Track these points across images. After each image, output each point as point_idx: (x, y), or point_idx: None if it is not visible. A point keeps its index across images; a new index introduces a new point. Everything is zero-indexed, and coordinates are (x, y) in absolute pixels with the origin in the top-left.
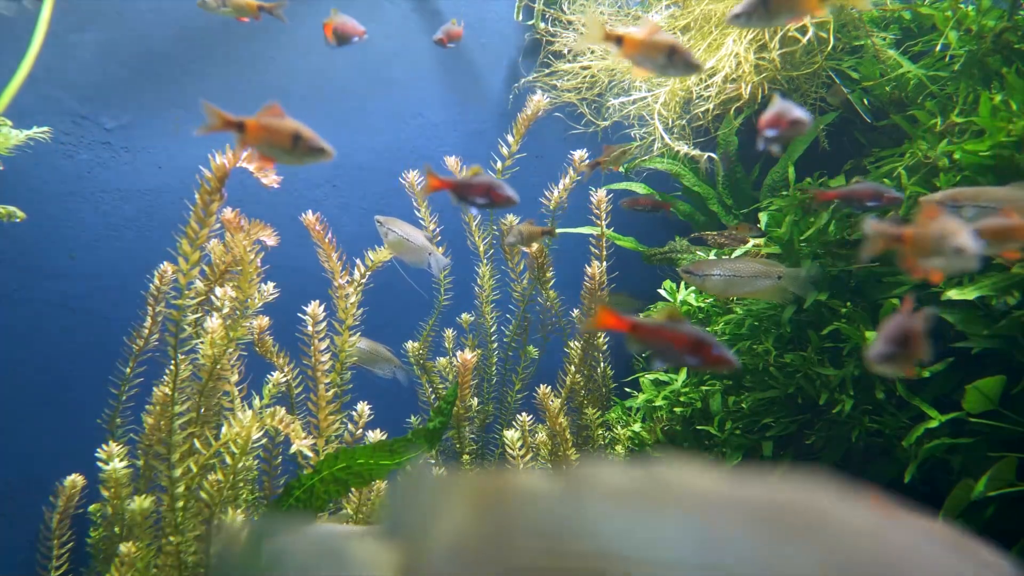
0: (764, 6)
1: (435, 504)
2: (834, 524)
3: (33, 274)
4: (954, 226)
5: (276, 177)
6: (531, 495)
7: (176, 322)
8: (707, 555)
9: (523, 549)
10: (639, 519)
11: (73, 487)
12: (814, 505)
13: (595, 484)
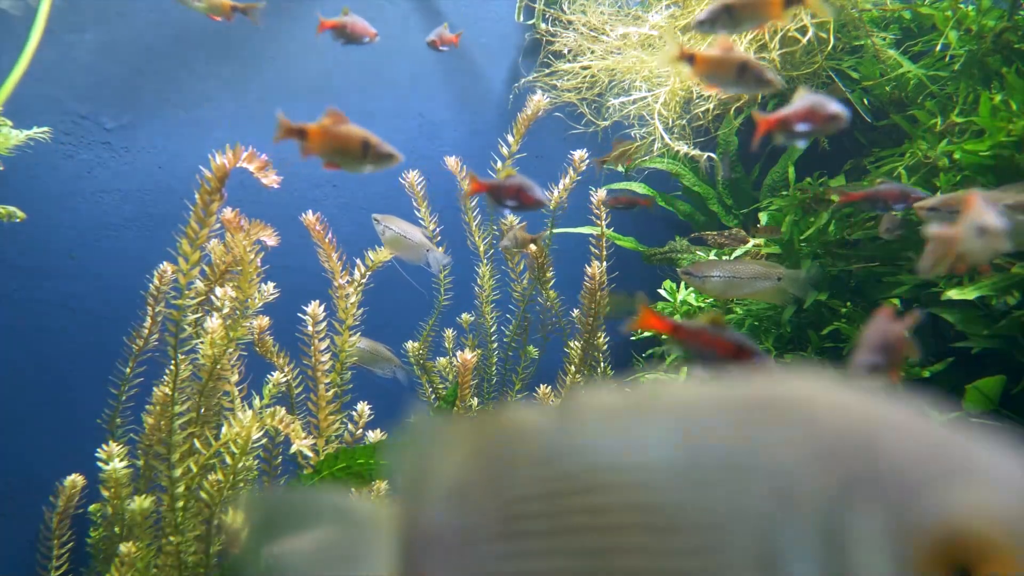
0: (728, 13)
1: (432, 452)
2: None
3: (33, 274)
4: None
5: (276, 177)
6: (526, 428)
7: (176, 322)
8: (689, 454)
9: (518, 480)
10: (625, 431)
11: (73, 487)
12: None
13: (586, 407)
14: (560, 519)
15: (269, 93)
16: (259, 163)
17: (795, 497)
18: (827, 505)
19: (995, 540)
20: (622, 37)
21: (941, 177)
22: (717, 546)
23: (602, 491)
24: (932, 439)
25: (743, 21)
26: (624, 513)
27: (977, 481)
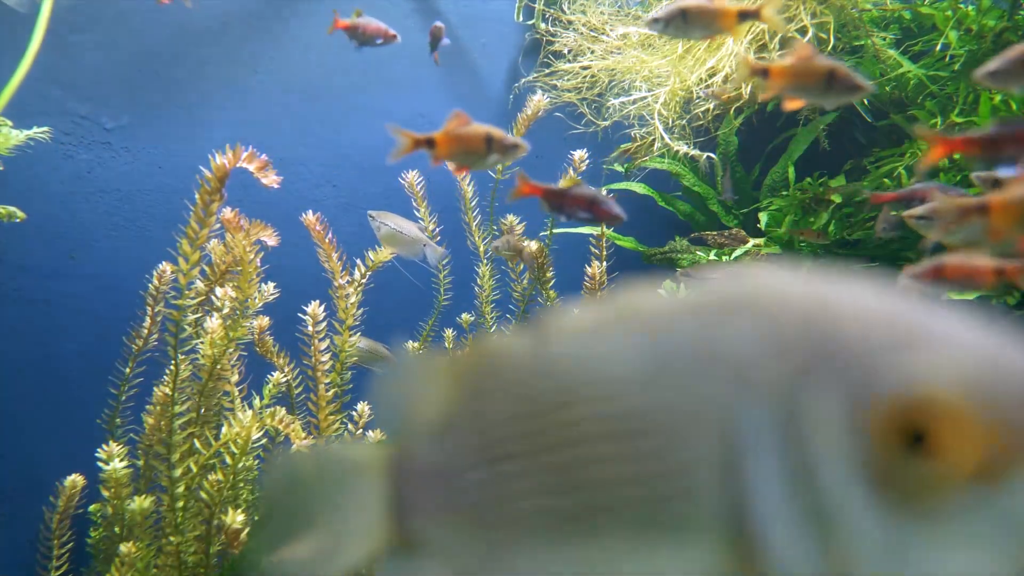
0: (683, 17)
1: (417, 389)
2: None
3: (33, 274)
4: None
5: (276, 177)
6: (503, 354)
7: (176, 322)
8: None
9: (497, 406)
10: (593, 344)
11: (73, 487)
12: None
13: (558, 327)
14: (535, 439)
15: (269, 93)
16: (259, 163)
17: (753, 388)
18: (784, 392)
19: (947, 402)
20: (622, 37)
21: (941, 177)
22: (682, 444)
23: (573, 406)
24: (887, 314)
25: (696, 28)
26: (594, 424)
27: (930, 348)
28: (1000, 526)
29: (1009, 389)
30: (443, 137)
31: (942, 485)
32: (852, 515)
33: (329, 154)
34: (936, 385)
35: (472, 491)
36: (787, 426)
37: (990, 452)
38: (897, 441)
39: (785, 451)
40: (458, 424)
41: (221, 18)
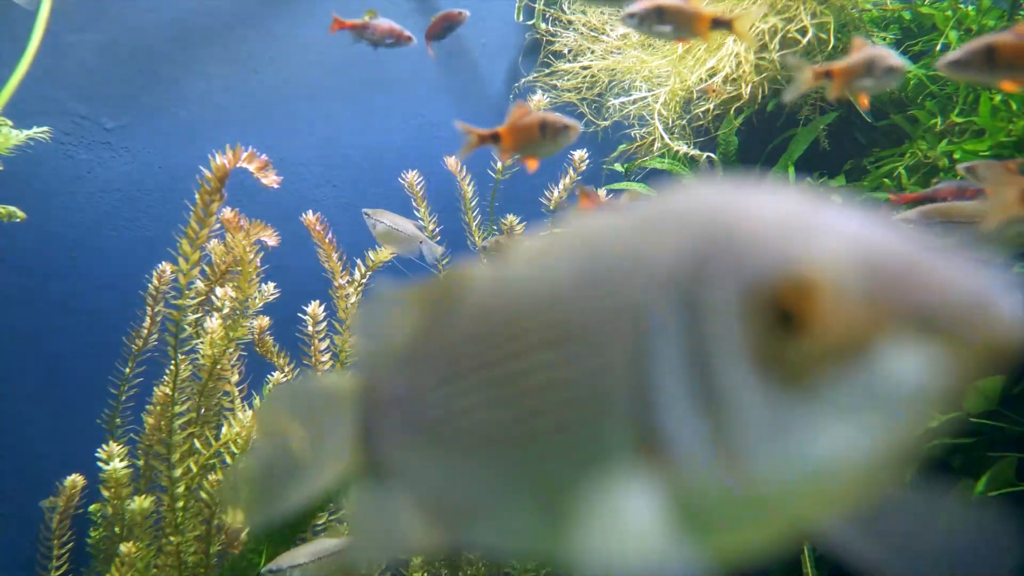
0: (658, 15)
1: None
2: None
3: (33, 274)
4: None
5: (276, 177)
6: (465, 282)
7: (176, 322)
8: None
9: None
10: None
11: (73, 487)
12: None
13: (515, 253)
14: (486, 355)
15: (269, 93)
16: (259, 163)
17: (660, 286)
18: (686, 286)
19: (814, 282)
20: (622, 37)
21: (941, 177)
22: (602, 345)
23: (517, 321)
24: (781, 210)
25: (668, 28)
26: (533, 335)
27: (806, 235)
28: (866, 399)
29: (872, 270)
30: (506, 130)
31: (814, 362)
32: (740, 397)
33: (329, 154)
34: (805, 266)
35: (431, 411)
36: (687, 318)
37: (853, 328)
38: (774, 322)
39: (685, 342)
40: (421, 349)
41: (221, 18)
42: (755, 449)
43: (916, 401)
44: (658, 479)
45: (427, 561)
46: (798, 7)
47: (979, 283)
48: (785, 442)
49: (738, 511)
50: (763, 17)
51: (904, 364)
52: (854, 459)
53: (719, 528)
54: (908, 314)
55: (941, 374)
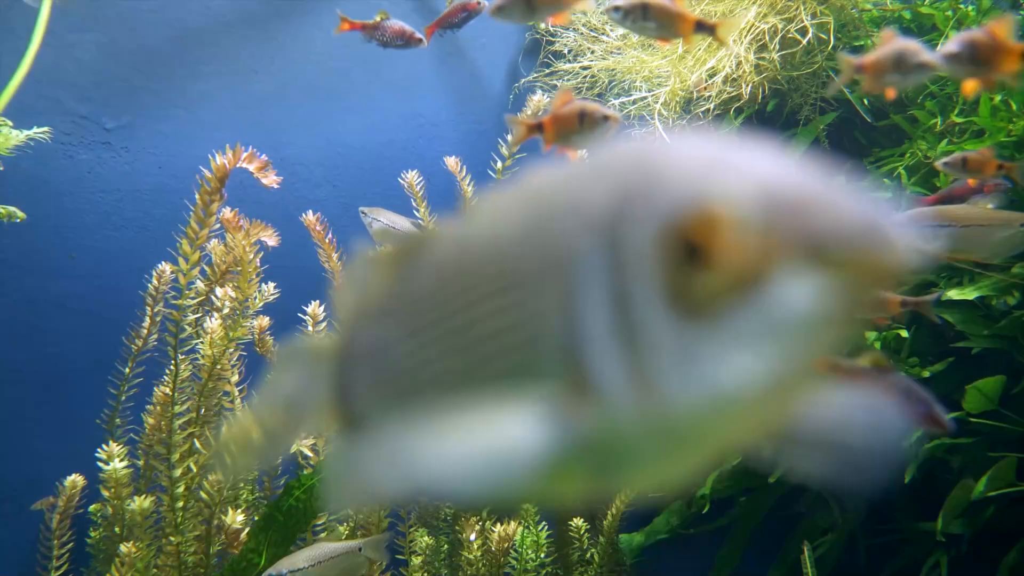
0: (643, 10)
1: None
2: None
3: (33, 274)
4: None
5: (276, 177)
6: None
7: (176, 322)
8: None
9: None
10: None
11: (73, 487)
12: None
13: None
14: (444, 307)
15: (269, 93)
16: (259, 163)
17: (591, 230)
18: (611, 227)
19: (715, 216)
20: (622, 37)
21: (941, 177)
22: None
23: (469, 273)
24: (697, 153)
25: (654, 25)
26: (484, 285)
27: (714, 174)
28: (764, 328)
29: (768, 203)
30: (549, 120)
31: (718, 294)
32: (653, 330)
33: (329, 154)
34: (708, 201)
35: (397, 364)
36: (611, 258)
37: (751, 258)
38: (683, 256)
39: (608, 281)
40: (389, 305)
41: (221, 18)
42: (666, 379)
43: (811, 327)
44: (585, 416)
45: (427, 561)
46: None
47: (868, 212)
48: (692, 371)
49: (656, 441)
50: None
51: (798, 292)
52: (756, 385)
53: (642, 460)
54: (800, 243)
55: (834, 300)
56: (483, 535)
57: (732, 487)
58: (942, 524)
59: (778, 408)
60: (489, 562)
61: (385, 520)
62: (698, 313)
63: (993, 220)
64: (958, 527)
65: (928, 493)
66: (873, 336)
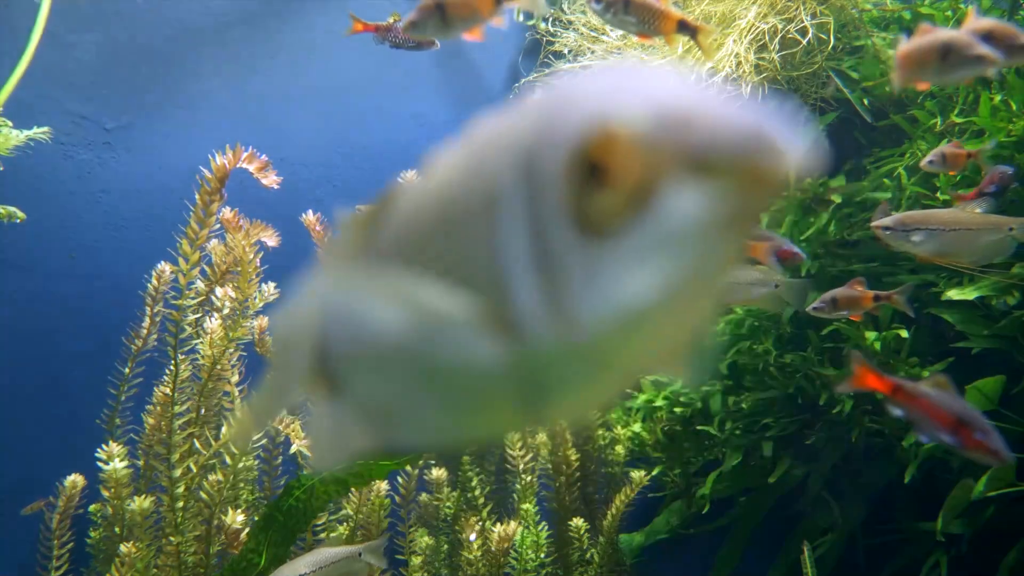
0: (625, 6)
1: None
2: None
3: (33, 274)
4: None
5: (276, 178)
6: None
7: (176, 322)
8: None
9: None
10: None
11: (73, 487)
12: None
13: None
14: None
15: (269, 93)
16: (259, 163)
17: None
18: (530, 157)
19: (609, 132)
20: (622, 37)
21: (941, 177)
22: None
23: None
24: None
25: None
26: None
27: (614, 95)
28: (658, 242)
29: (659, 118)
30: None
31: (617, 211)
32: (564, 256)
33: (329, 154)
34: (604, 119)
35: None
36: (529, 188)
37: (644, 173)
38: (585, 176)
39: (527, 211)
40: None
41: (221, 18)
42: (576, 300)
43: (702, 236)
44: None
45: (427, 561)
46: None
47: (752, 120)
48: (599, 292)
49: (575, 366)
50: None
51: (688, 202)
52: (656, 299)
53: (564, 386)
54: (687, 154)
55: (723, 207)
56: (483, 535)
57: (732, 487)
58: (942, 524)
59: (683, 322)
60: (489, 562)
61: (385, 520)
62: (602, 233)
63: (981, 224)
64: (958, 527)
65: (928, 493)
66: (873, 336)
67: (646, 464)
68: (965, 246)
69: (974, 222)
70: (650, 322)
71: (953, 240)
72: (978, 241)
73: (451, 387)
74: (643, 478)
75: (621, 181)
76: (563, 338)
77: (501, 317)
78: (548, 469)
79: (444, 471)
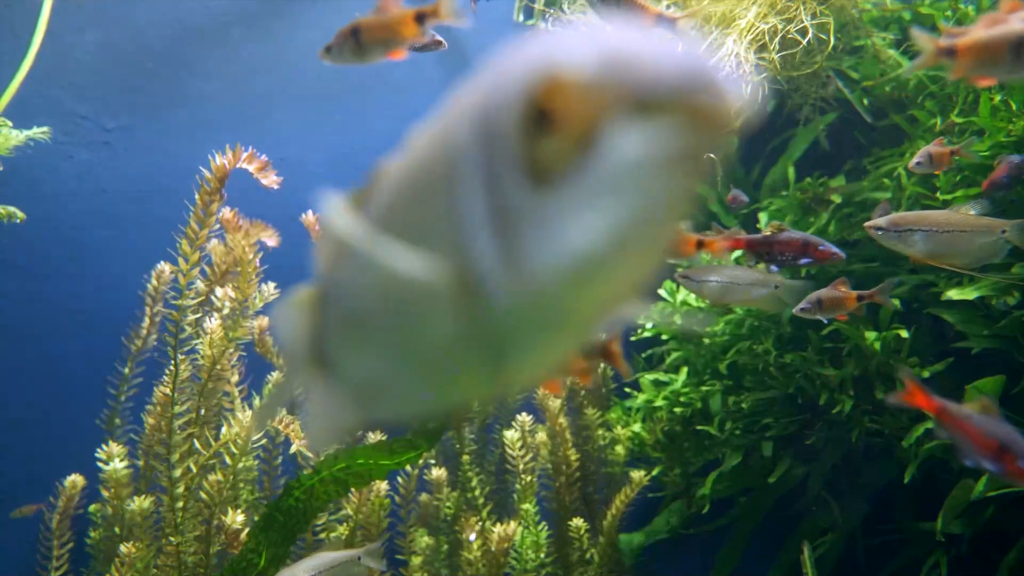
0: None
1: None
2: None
3: (33, 274)
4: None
5: (276, 178)
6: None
7: (176, 322)
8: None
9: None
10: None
11: (73, 488)
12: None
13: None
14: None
15: (269, 93)
16: (259, 164)
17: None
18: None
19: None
20: None
21: (941, 177)
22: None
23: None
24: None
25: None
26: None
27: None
28: (604, 184)
29: (603, 62)
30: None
31: (564, 155)
32: (517, 206)
33: (329, 154)
34: (550, 66)
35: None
36: (484, 145)
37: (589, 115)
38: (534, 124)
39: (483, 168)
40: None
41: (221, 18)
42: (530, 250)
43: (646, 176)
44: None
45: (427, 561)
46: (798, 7)
47: (695, 60)
48: (550, 239)
49: (535, 319)
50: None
51: (631, 142)
52: (605, 242)
53: (527, 341)
54: (629, 94)
55: (666, 146)
56: (483, 535)
57: (732, 487)
58: (942, 524)
59: (635, 267)
60: (489, 562)
61: (385, 520)
62: (552, 180)
63: (974, 227)
64: (958, 527)
65: (928, 493)
66: (873, 336)
67: (646, 464)
68: (958, 248)
69: (967, 224)
70: (603, 267)
71: (946, 242)
72: (971, 243)
73: (423, 353)
74: (643, 478)
75: (568, 125)
76: (520, 289)
77: (464, 279)
78: (548, 469)
79: (444, 471)
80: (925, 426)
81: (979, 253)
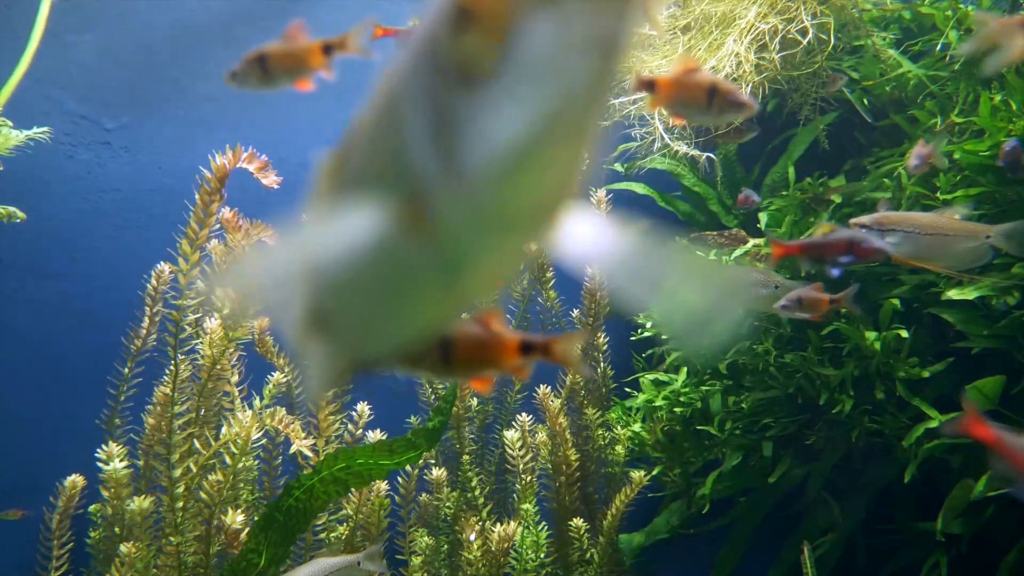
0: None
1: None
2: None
3: (33, 274)
4: None
5: (276, 178)
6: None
7: (176, 322)
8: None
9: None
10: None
11: (73, 488)
12: None
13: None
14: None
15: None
16: (259, 163)
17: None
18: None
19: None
20: None
21: (941, 177)
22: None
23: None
24: None
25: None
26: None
27: None
28: (525, 74)
29: None
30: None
31: (484, 52)
32: (449, 109)
33: None
34: None
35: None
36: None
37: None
38: (456, 26)
39: (425, 85)
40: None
41: (221, 18)
42: (466, 151)
43: (564, 61)
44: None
45: (427, 561)
46: (798, 7)
47: None
48: (482, 134)
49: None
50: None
51: (547, 30)
52: (535, 133)
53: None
54: None
55: (580, 31)
56: (483, 535)
57: (732, 487)
58: (942, 524)
59: (565, 156)
60: (489, 562)
61: (385, 520)
62: (479, 77)
63: (958, 231)
64: (958, 527)
65: (928, 493)
66: (873, 336)
67: (646, 464)
68: (942, 251)
69: (952, 228)
70: (532, 157)
71: (930, 244)
72: (955, 247)
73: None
74: (643, 478)
75: (486, 19)
76: (461, 192)
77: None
78: (548, 469)
79: (444, 471)
80: (925, 426)
81: (963, 257)
